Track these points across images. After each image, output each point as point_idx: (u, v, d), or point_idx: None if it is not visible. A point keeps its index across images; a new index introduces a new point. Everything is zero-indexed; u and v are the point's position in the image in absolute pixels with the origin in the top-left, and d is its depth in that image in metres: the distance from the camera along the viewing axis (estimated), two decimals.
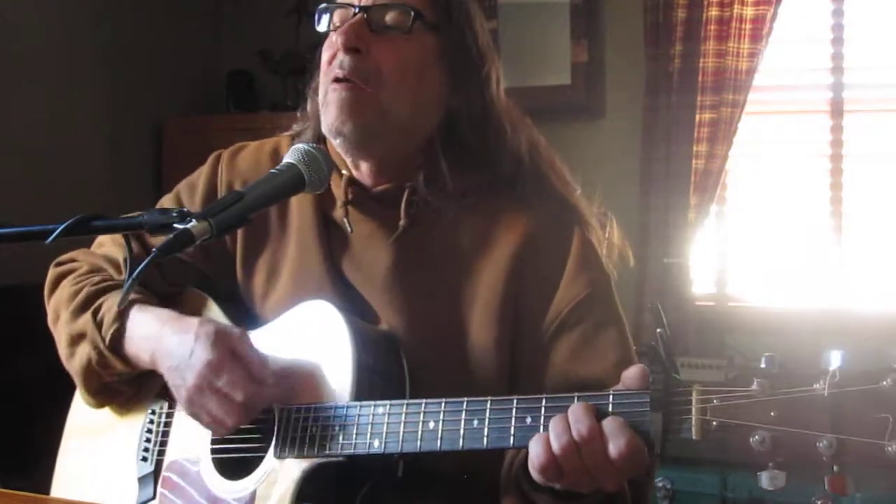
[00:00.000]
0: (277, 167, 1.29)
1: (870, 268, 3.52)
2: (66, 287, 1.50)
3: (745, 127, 3.46)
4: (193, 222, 1.15)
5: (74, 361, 1.45)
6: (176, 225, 1.16)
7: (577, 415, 1.07)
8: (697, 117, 3.43)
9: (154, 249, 1.13)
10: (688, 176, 3.45)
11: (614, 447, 1.04)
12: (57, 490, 1.56)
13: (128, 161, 3.72)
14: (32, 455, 1.60)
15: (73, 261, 1.56)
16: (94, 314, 1.42)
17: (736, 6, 3.37)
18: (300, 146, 1.31)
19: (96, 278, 1.48)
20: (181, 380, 1.30)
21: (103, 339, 1.40)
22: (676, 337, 3.39)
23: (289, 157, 1.29)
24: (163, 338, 1.35)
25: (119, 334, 1.39)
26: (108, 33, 3.59)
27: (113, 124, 3.65)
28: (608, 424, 1.05)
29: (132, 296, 1.41)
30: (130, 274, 1.16)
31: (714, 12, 3.40)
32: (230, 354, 1.28)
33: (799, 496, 2.83)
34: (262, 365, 1.29)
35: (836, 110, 3.51)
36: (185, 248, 1.15)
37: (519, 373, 1.35)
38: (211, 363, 1.27)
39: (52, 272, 1.56)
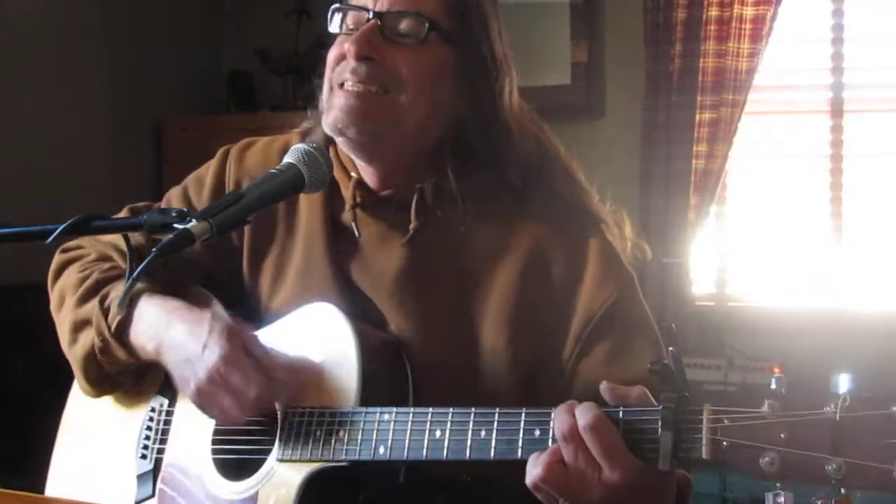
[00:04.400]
0: (277, 167, 1.29)
1: (870, 268, 3.51)
2: (72, 273, 1.48)
3: (745, 127, 3.46)
4: (193, 222, 1.15)
5: (76, 348, 1.43)
6: (176, 225, 1.15)
7: (559, 418, 1.09)
8: (697, 117, 3.43)
9: (154, 249, 1.13)
10: (688, 176, 3.45)
11: (581, 418, 1.07)
12: (51, 487, 1.54)
13: (128, 161, 3.72)
14: (31, 455, 1.60)
15: (80, 247, 1.53)
16: (102, 301, 1.40)
17: (736, 6, 3.37)
18: (300, 146, 1.30)
19: (105, 265, 1.46)
20: (191, 372, 1.28)
21: (109, 327, 1.37)
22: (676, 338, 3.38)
23: (289, 157, 1.29)
24: (171, 328, 1.33)
25: (126, 322, 1.37)
26: (109, 33, 3.59)
27: (113, 124, 3.64)
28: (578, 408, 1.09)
29: (140, 286, 1.38)
30: (131, 274, 1.16)
31: (714, 12, 3.40)
32: (244, 350, 1.27)
33: (799, 496, 2.83)
34: (273, 362, 1.29)
35: (836, 110, 3.52)
36: (184, 248, 1.14)
37: (537, 379, 1.34)
38: (225, 358, 1.26)
39: (58, 258, 1.53)
